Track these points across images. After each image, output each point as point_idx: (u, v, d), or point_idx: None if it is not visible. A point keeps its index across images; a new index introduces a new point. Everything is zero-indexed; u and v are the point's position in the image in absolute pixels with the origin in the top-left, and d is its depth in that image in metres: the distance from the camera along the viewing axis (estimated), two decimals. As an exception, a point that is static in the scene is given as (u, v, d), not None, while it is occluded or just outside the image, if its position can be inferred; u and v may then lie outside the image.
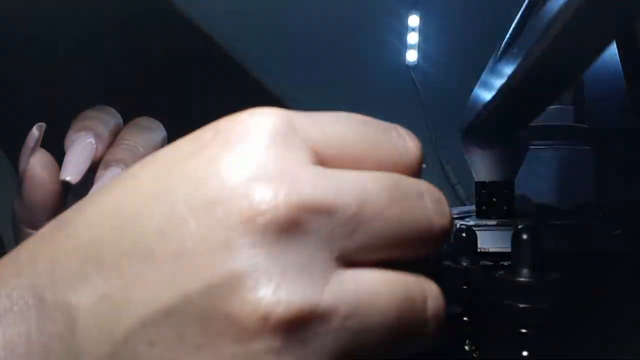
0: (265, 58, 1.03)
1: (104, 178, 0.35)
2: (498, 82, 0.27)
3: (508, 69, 0.25)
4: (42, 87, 0.44)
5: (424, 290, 0.17)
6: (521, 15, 0.31)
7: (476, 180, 0.57)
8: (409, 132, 0.19)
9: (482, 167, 0.55)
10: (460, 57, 0.97)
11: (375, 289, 0.16)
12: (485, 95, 0.30)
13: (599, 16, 0.20)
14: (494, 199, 0.54)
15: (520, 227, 0.29)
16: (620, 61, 0.55)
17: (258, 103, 0.19)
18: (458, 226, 0.41)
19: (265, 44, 1.03)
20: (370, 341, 0.15)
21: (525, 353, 0.28)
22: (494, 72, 0.31)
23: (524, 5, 0.31)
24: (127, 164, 0.36)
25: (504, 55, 0.31)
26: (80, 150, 0.36)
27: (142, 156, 0.37)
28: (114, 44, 1.24)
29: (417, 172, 0.19)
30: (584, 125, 0.74)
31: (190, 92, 1.36)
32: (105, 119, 0.39)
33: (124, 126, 0.40)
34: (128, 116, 0.46)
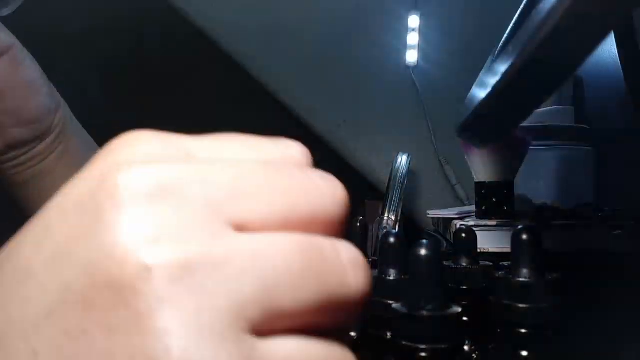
0: (266, 58, 1.03)
1: None
2: (493, 80, 0.27)
3: (503, 67, 0.25)
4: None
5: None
6: (518, 15, 0.31)
7: (476, 180, 0.57)
8: (327, 178, 0.17)
9: (480, 166, 0.55)
10: (460, 57, 0.97)
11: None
12: (481, 93, 0.30)
13: (592, 11, 0.20)
14: (494, 199, 0.55)
15: (520, 227, 0.29)
16: (620, 61, 0.55)
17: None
18: (458, 226, 0.41)
19: (265, 44, 1.03)
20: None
21: (525, 353, 0.28)
22: (490, 70, 0.31)
23: (522, 5, 0.31)
24: None
25: (500, 54, 0.31)
26: None
27: None
28: (114, 43, 1.24)
29: (340, 223, 0.17)
30: (585, 126, 0.74)
31: (190, 91, 1.36)
32: None
33: None
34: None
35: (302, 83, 1.03)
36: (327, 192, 0.17)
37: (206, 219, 0.15)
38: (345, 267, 0.16)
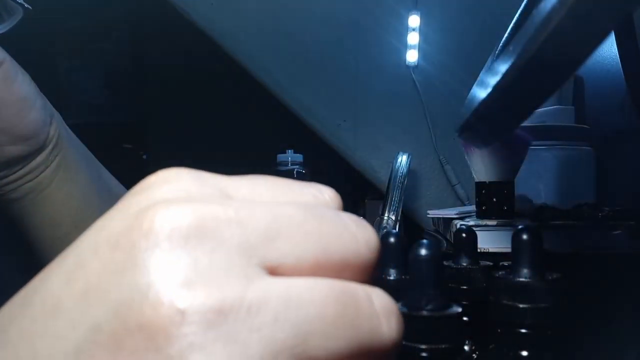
0: (266, 58, 1.03)
1: None
2: (493, 80, 0.27)
3: (503, 67, 0.25)
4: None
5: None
6: (518, 15, 0.31)
7: (476, 180, 0.57)
8: (360, 223, 0.17)
9: (480, 166, 0.55)
10: (460, 57, 0.97)
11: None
12: (481, 93, 0.30)
13: (592, 11, 0.20)
14: (494, 199, 0.55)
15: (520, 227, 0.29)
16: (620, 61, 0.55)
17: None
18: (458, 226, 0.41)
19: (265, 45, 1.03)
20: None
21: (525, 353, 0.28)
22: (490, 70, 0.31)
23: (522, 5, 0.31)
24: None
25: (501, 54, 0.31)
26: None
27: None
28: (114, 44, 1.24)
29: (372, 268, 0.17)
30: (585, 126, 0.74)
31: (190, 91, 1.36)
32: None
33: None
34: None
35: (302, 83, 1.03)
36: (360, 237, 0.17)
37: (241, 261, 0.15)
38: (378, 315, 0.16)
